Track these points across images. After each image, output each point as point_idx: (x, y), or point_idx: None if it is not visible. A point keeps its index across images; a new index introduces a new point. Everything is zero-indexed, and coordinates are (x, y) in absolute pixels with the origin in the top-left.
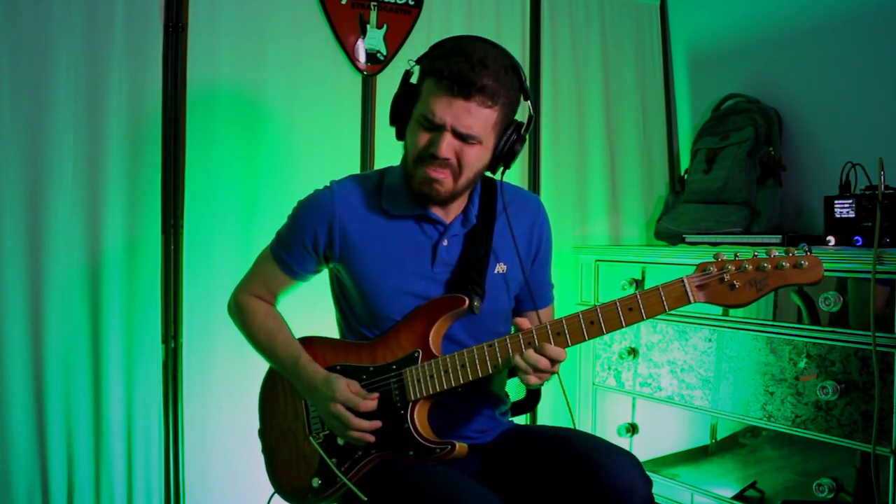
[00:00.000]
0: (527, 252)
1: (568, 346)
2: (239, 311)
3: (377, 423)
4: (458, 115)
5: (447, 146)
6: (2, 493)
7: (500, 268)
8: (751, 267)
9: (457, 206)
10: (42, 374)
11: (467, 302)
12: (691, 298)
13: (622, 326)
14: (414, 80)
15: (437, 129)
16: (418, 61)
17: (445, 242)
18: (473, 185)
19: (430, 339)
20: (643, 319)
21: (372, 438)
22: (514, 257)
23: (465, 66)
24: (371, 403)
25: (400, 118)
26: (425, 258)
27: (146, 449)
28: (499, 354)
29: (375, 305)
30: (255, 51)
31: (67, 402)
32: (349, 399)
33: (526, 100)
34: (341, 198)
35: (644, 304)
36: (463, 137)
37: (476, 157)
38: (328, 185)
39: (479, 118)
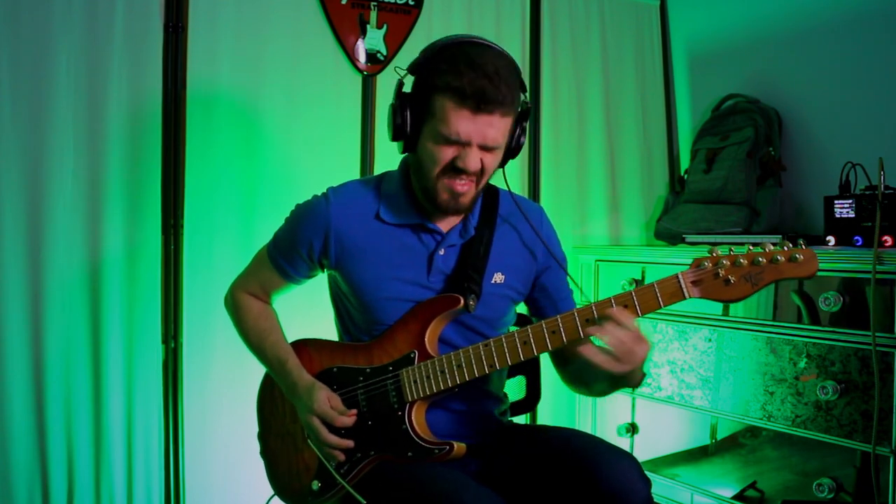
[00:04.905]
0: (529, 263)
1: (563, 344)
2: (235, 308)
3: (349, 443)
4: (483, 130)
5: (475, 160)
6: (2, 493)
7: (498, 278)
8: (745, 261)
9: (455, 216)
10: (42, 374)
11: (462, 301)
12: (686, 294)
13: None
14: (407, 88)
15: (461, 144)
16: (414, 70)
17: (442, 252)
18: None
19: (425, 339)
20: (639, 316)
21: (342, 457)
22: (513, 268)
23: (484, 82)
24: (348, 420)
25: (406, 134)
26: (421, 267)
27: (146, 449)
28: (494, 354)
29: (371, 312)
30: (255, 51)
31: (67, 402)
32: (325, 413)
33: (524, 92)
34: (337, 207)
35: (639, 300)
36: (487, 148)
37: (495, 161)
38: (325, 192)
39: (501, 128)
